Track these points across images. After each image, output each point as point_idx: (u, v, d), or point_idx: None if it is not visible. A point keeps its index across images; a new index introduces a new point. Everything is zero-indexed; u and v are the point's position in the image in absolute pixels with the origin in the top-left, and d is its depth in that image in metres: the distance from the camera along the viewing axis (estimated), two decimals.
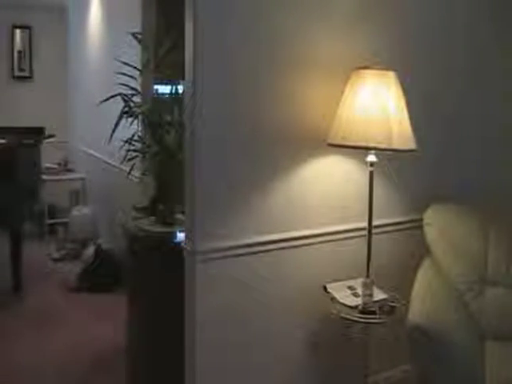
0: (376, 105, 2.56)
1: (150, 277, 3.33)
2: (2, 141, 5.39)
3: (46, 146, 6.23)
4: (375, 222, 2.83)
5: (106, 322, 4.58)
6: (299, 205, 2.90)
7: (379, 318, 2.64)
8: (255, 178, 2.76)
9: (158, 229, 3.39)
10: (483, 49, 3.65)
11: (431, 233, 3.11)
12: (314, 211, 2.95)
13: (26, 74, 7.88)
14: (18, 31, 7.77)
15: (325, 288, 2.86)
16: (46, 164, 6.83)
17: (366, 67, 2.67)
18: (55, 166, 7.30)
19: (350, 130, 2.59)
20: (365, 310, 2.65)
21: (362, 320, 2.64)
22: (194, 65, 2.58)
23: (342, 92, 2.73)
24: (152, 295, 3.32)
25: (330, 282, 2.91)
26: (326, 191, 2.98)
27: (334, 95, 2.84)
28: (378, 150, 2.61)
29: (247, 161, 2.73)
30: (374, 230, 2.80)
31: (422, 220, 3.16)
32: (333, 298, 2.78)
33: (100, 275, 5.29)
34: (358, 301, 2.72)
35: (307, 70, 2.86)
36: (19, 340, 4.34)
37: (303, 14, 2.81)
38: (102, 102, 3.69)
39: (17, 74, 7.83)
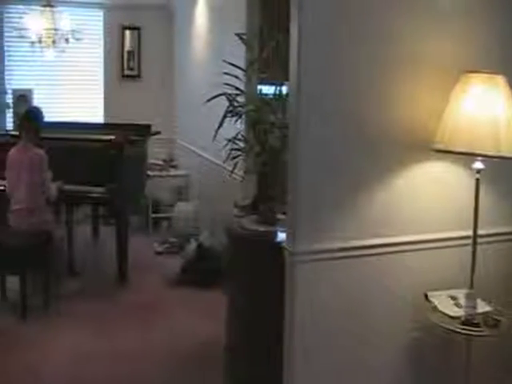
0: (484, 111, 2.49)
1: (249, 275, 3.38)
2: (112, 137, 5.60)
3: (152, 143, 6.42)
4: (481, 231, 2.72)
5: (204, 318, 4.67)
6: (403, 210, 2.83)
7: (482, 331, 2.55)
8: (359, 180, 2.73)
9: (259, 228, 3.42)
10: None
11: None
12: (418, 217, 2.87)
13: (135, 72, 8.16)
14: (127, 32, 8.06)
15: (426, 296, 2.80)
16: (151, 160, 7.05)
17: (474, 71, 2.59)
18: (160, 163, 7.52)
19: (456, 136, 2.52)
20: (467, 322, 2.57)
21: (464, 332, 2.56)
22: (298, 65, 2.58)
23: (449, 95, 2.66)
24: (251, 294, 3.37)
25: (432, 290, 2.83)
26: (431, 197, 2.89)
27: (441, 98, 2.75)
28: (485, 157, 2.53)
29: (351, 162, 2.71)
30: (479, 240, 2.70)
31: None
32: (434, 307, 2.72)
33: (201, 271, 5.39)
34: (461, 312, 2.63)
35: (414, 71, 2.78)
36: (121, 329, 4.53)
37: (411, 13, 2.74)
38: (207, 101, 3.76)
39: (126, 72, 8.13)
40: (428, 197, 2.89)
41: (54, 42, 6.59)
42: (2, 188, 5.04)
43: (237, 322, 3.57)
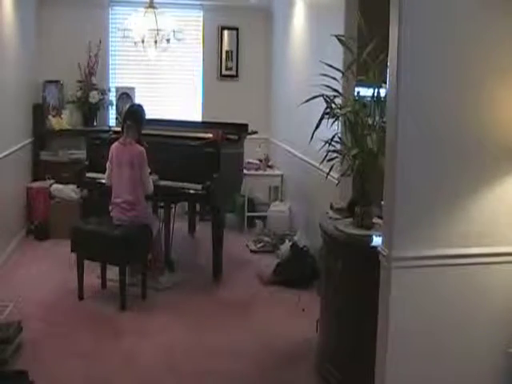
0: None
1: (344, 278, 3.37)
2: (209, 135, 5.70)
3: (248, 142, 6.49)
4: None
5: (298, 317, 4.70)
6: (503, 219, 2.73)
7: None
8: (460, 185, 2.67)
9: (355, 231, 3.40)
10: None
11: None
12: None
13: (232, 72, 8.26)
14: (226, 32, 8.17)
15: None
16: (248, 159, 7.12)
17: None
18: (256, 162, 7.58)
19: None
20: None
21: None
22: (397, 67, 2.56)
23: None
24: (345, 296, 3.36)
25: None
26: None
27: None
28: None
29: (452, 166, 2.65)
30: None
31: None
32: None
33: (294, 271, 5.40)
34: None
35: None
36: (214, 324, 4.62)
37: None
38: (304, 101, 3.75)
39: (224, 72, 8.25)
40: None
41: (155, 42, 6.78)
42: (104, 181, 5.25)
43: (331, 322, 3.58)
